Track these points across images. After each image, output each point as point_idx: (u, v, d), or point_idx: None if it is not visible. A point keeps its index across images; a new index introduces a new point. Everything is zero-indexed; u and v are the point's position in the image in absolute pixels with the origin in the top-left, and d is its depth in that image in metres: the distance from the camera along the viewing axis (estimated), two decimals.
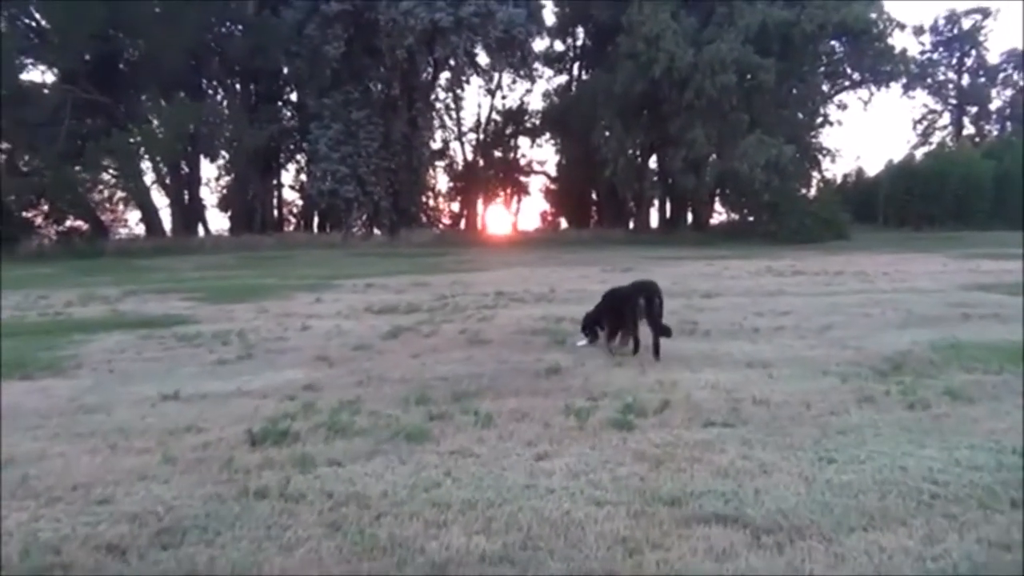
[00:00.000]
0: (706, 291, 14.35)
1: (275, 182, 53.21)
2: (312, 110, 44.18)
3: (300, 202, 55.99)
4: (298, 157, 52.02)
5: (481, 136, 55.23)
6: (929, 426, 5.33)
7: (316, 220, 53.17)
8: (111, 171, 42.12)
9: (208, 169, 51.66)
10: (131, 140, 39.43)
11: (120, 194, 43.99)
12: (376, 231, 46.16)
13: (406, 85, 44.57)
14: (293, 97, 50.31)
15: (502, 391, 6.55)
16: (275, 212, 53.23)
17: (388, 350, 8.72)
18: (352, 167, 42.90)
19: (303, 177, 51.64)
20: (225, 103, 48.26)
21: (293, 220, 57.80)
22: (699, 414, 5.68)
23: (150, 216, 45.40)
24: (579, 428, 5.37)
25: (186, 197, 48.96)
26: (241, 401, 6.34)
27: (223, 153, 49.75)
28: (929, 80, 67.00)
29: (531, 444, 5.03)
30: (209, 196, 53.03)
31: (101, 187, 43.34)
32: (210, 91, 48.71)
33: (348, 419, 5.59)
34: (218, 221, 52.96)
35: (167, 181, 46.51)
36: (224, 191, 52.76)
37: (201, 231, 48.72)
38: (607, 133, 43.90)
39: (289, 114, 49.83)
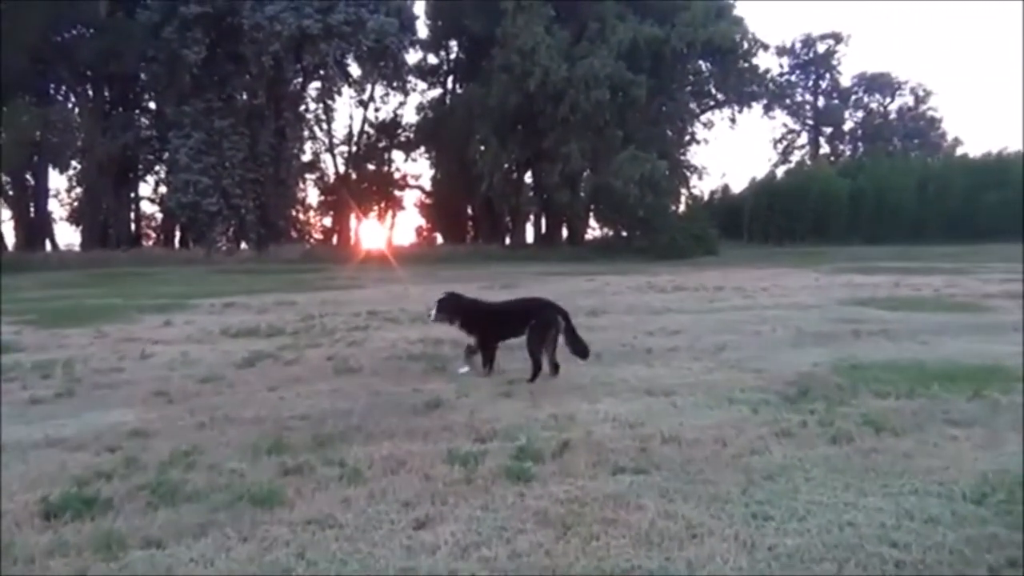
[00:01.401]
0: (591, 308, 13.73)
1: (132, 194, 50.03)
2: (171, 118, 41.69)
3: (160, 216, 53.00)
4: (157, 168, 49.08)
5: (354, 149, 53.80)
6: (860, 465, 4.72)
7: (178, 235, 50.40)
8: None
9: (58, 180, 48.18)
10: None
11: None
12: (243, 246, 43.96)
13: (273, 94, 42.73)
14: (152, 105, 47.48)
15: (374, 432, 5.57)
16: (132, 226, 50.06)
17: (242, 382, 7.56)
18: (215, 178, 40.67)
19: (163, 189, 48.81)
20: (76, 109, 45.02)
21: (152, 235, 54.71)
22: (605, 457, 4.88)
23: None
24: (466, 481, 4.46)
25: (32, 210, 45.44)
26: (47, 454, 5.09)
27: (74, 163, 46.51)
28: (788, 101, 69.99)
29: (409, 506, 4.09)
30: (59, 209, 49.34)
31: None
32: (59, 96, 45.41)
33: (179, 477, 4.48)
34: (69, 236, 49.47)
35: (9, 192, 42.94)
36: (75, 203, 49.16)
37: (48, 246, 45.28)
38: (482, 147, 43.43)
39: (147, 122, 46.86)
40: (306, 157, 50.94)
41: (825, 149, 75.94)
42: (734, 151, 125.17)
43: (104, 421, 6.00)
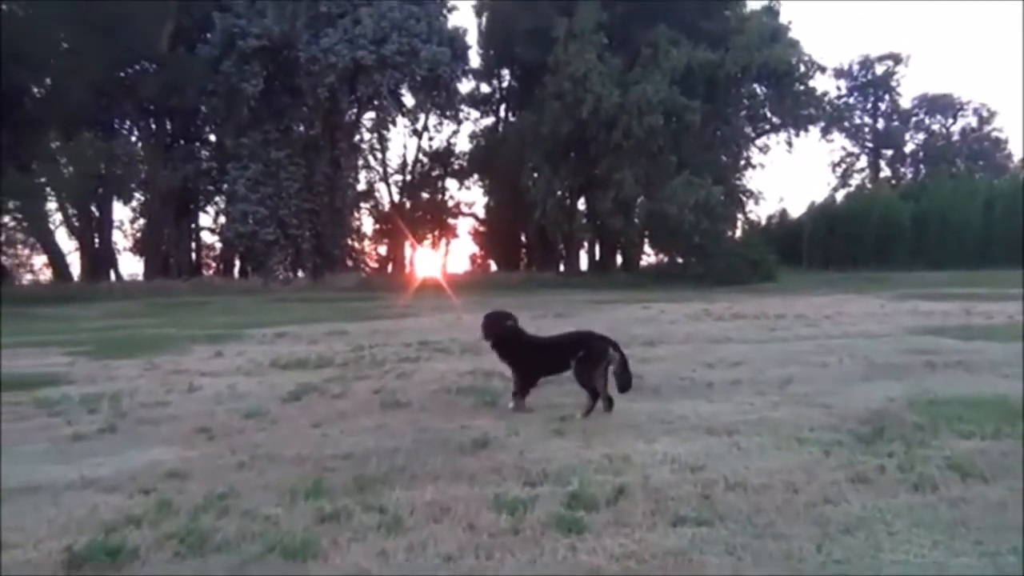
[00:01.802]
0: (647, 338, 13.31)
1: (192, 225, 51.06)
2: (230, 150, 42.54)
3: (219, 246, 53.94)
4: (217, 199, 50.11)
5: (407, 177, 54.17)
6: (948, 517, 4.27)
7: (237, 264, 51.17)
8: (14, 213, 39.54)
9: (122, 212, 49.42)
10: (35, 180, 37.19)
11: (19, 236, 41.02)
12: (300, 275, 44.40)
13: (328, 125, 43.25)
14: (212, 137, 48.54)
15: (418, 474, 5.28)
16: (192, 256, 51.04)
17: (286, 417, 7.35)
18: (272, 208, 41.27)
19: (222, 219, 49.69)
20: (139, 143, 46.20)
21: (212, 264, 55.63)
22: (663, 505, 4.51)
23: (56, 261, 42.82)
24: (514, 531, 4.13)
25: (96, 241, 46.57)
26: (80, 497, 4.91)
27: (137, 195, 47.70)
28: (846, 124, 68.71)
29: (451, 560, 3.78)
30: (122, 240, 50.53)
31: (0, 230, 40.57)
32: (123, 130, 46.66)
33: (210, 525, 4.24)
34: (133, 266, 50.58)
35: (75, 224, 44.09)
36: (138, 234, 50.32)
37: (113, 276, 46.30)
38: (535, 174, 43.34)
39: (207, 154, 47.91)
40: (361, 186, 51.54)
41: (886, 172, 74.34)
42: (791, 175, 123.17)
43: (143, 460, 5.82)
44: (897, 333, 13.72)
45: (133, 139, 46.74)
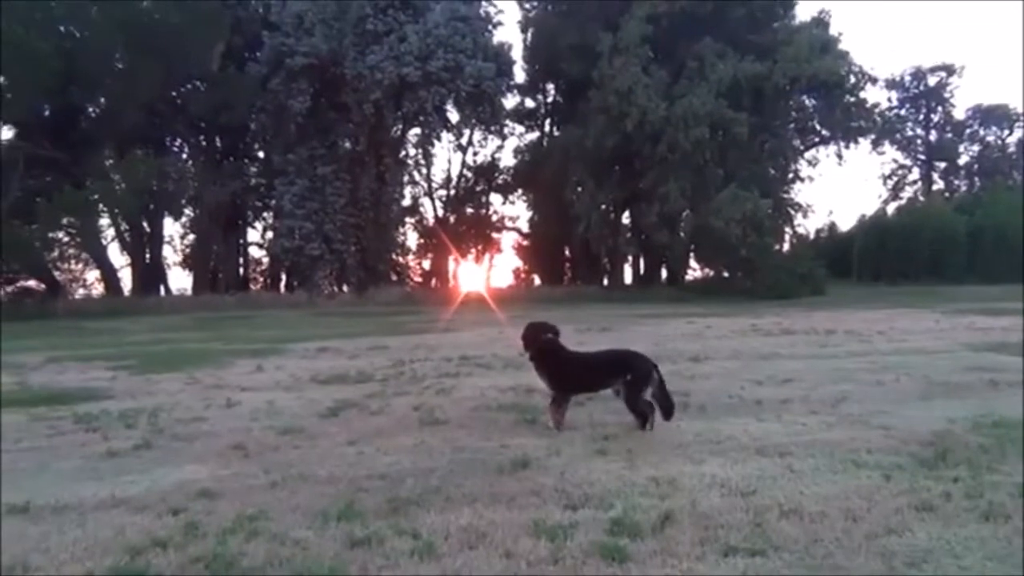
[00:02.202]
0: (693, 354, 12.98)
1: (240, 240, 51.76)
2: (277, 166, 43.04)
3: (267, 260, 54.53)
4: (265, 214, 50.80)
5: (452, 192, 54.25)
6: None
7: (284, 279, 51.67)
8: (68, 229, 40.39)
9: (173, 227, 50.23)
10: (89, 197, 37.95)
11: (72, 251, 41.84)
12: (345, 289, 44.64)
13: (374, 141, 43.50)
14: (260, 154, 49.20)
15: (454, 496, 5.08)
16: (240, 271, 51.71)
17: (323, 434, 7.21)
18: (318, 223, 41.60)
19: (269, 235, 50.29)
20: (189, 160, 47.00)
21: (260, 279, 56.24)
22: (713, 533, 4.24)
23: (108, 275, 43.63)
24: (553, 560, 3.91)
25: (147, 256, 47.37)
26: (108, 517, 4.79)
27: (187, 211, 48.47)
28: (898, 136, 67.27)
29: None
30: (173, 255, 51.37)
31: (54, 246, 41.42)
32: (174, 147, 47.51)
33: (238, 549, 4.08)
34: (183, 281, 51.31)
35: (127, 239, 44.90)
36: (188, 250, 51.12)
37: (162, 291, 47.02)
38: (579, 188, 43.07)
39: (255, 170, 48.59)
40: (406, 201, 51.66)
41: (939, 185, 72.49)
42: (841, 188, 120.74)
43: (175, 478, 5.71)
44: (955, 350, 13.18)
45: (183, 156, 47.56)
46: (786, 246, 48.46)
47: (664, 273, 49.99)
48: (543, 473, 5.62)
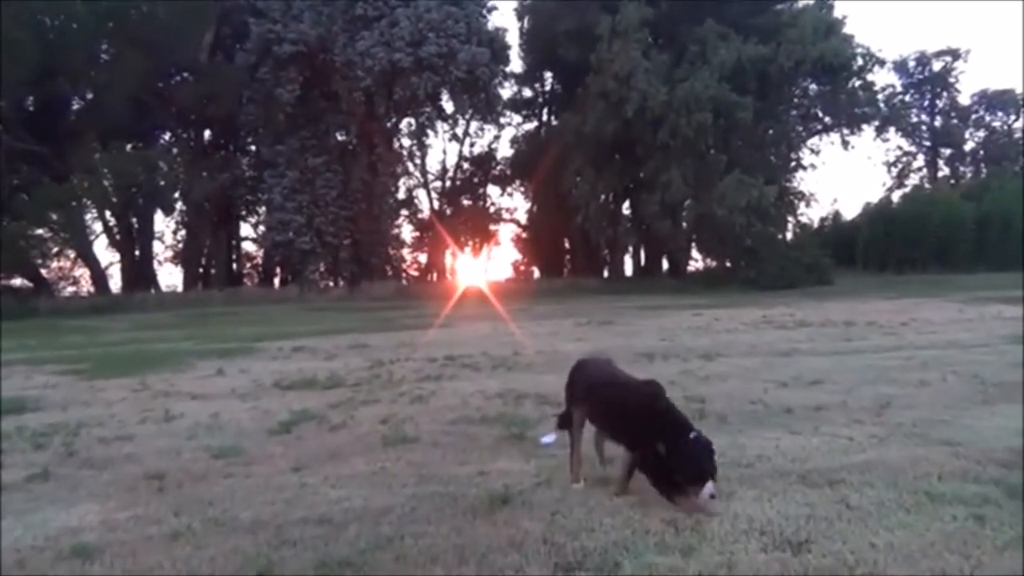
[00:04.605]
0: (704, 351, 11.69)
1: (231, 234, 50.42)
2: (266, 157, 41.74)
3: (260, 255, 53.28)
4: (257, 208, 49.43)
5: (448, 184, 52.96)
6: None
7: (278, 273, 50.42)
8: (52, 225, 39.13)
9: (163, 223, 48.94)
10: (73, 191, 36.72)
11: (55, 248, 40.60)
12: (339, 283, 43.38)
13: (366, 130, 42.14)
14: (250, 145, 47.87)
15: (408, 553, 3.82)
16: (232, 266, 50.43)
17: (264, 457, 5.94)
18: (309, 216, 40.30)
19: (262, 229, 48.97)
20: (177, 153, 45.66)
21: (253, 274, 55.00)
22: None
23: (95, 272, 42.41)
24: None
25: (136, 252, 46.16)
26: None
27: (177, 205, 47.16)
28: (902, 122, 65.85)
29: None
30: (164, 251, 50.08)
31: (38, 242, 40.14)
32: (161, 140, 46.23)
33: None
34: (174, 277, 50.15)
35: (115, 235, 43.65)
36: (179, 245, 49.83)
37: (153, 288, 45.80)
38: (578, 178, 41.71)
39: (245, 162, 47.24)
40: (400, 193, 50.37)
41: (944, 171, 71.11)
42: (845, 175, 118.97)
43: (56, 524, 4.44)
44: (994, 343, 11.87)
45: (171, 149, 46.23)
46: (789, 235, 47.20)
47: (665, 264, 48.74)
48: (528, 514, 4.36)
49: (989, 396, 7.56)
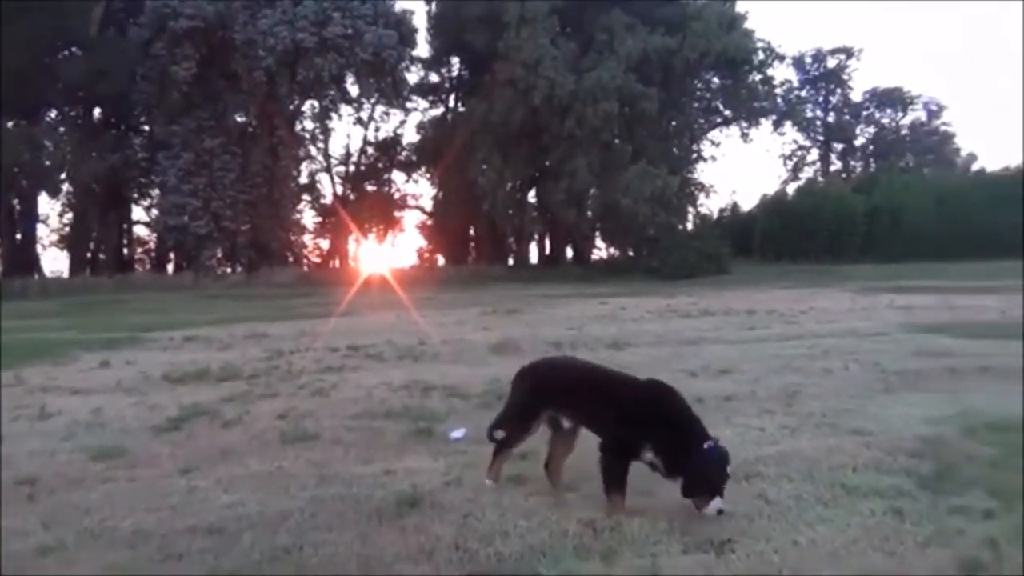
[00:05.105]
0: (612, 339, 11.65)
1: (122, 218, 48.06)
2: (160, 138, 39.94)
3: (153, 240, 51.04)
4: (151, 191, 47.18)
5: (352, 168, 51.89)
6: None
7: (172, 259, 48.39)
8: None
9: (49, 205, 46.33)
10: None
11: None
12: (238, 269, 41.96)
13: (266, 112, 40.81)
14: (144, 125, 45.69)
15: (307, 562, 3.51)
16: (123, 251, 48.17)
17: (150, 458, 5.48)
18: (205, 200, 38.74)
19: (156, 212, 46.84)
20: (64, 131, 43.20)
21: (146, 260, 52.68)
22: None
23: None
24: None
25: (18, 236, 43.63)
26: None
27: (64, 187, 44.66)
28: (798, 117, 68.03)
29: None
30: (48, 235, 47.43)
31: None
32: (47, 118, 43.65)
33: None
34: (60, 262, 47.44)
35: None
36: (66, 228, 47.23)
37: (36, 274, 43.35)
38: (485, 165, 41.50)
39: (138, 143, 45.03)
40: (302, 178, 49.10)
41: (836, 165, 73.97)
42: (743, 168, 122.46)
43: None
44: (891, 331, 12.21)
45: (58, 127, 43.72)
46: (690, 226, 48.22)
47: (570, 252, 49.11)
48: (439, 517, 4.08)
49: (891, 384, 7.69)
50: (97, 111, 44.29)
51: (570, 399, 4.53)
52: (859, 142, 73.76)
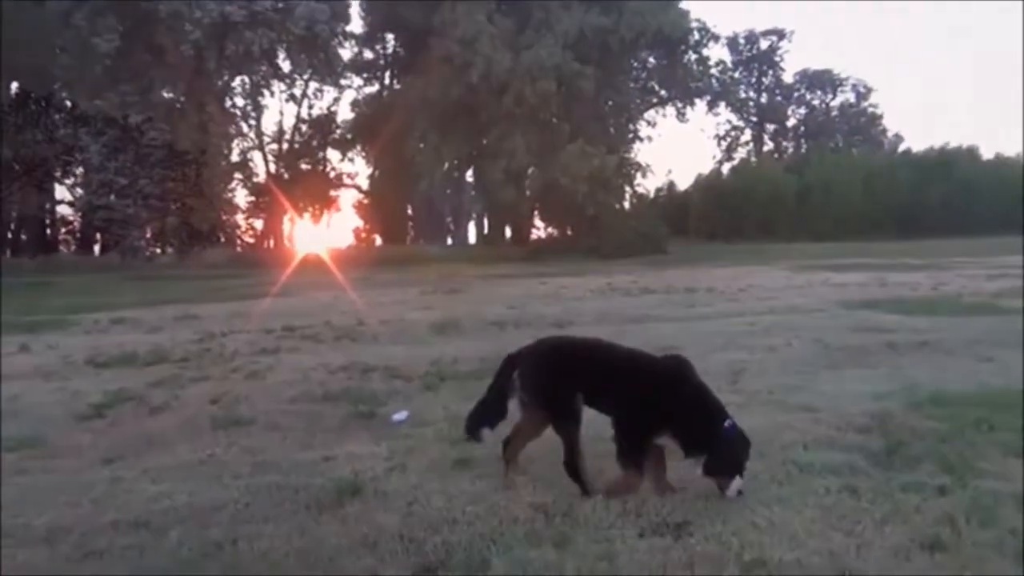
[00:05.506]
0: (555, 319, 11.51)
1: (44, 197, 46.17)
2: (82, 113, 38.34)
3: (79, 220, 49.20)
4: (76, 169, 45.40)
5: (285, 146, 50.79)
6: None
7: (98, 239, 46.76)
8: None
9: None
10: None
11: None
12: (167, 250, 40.68)
13: (194, 87, 39.61)
14: (65, 99, 43.87)
15: (243, 559, 3.27)
16: (46, 231, 46.41)
17: (72, 447, 5.14)
18: (131, 178, 37.34)
19: (80, 191, 45.12)
20: None
21: (71, 241, 50.86)
22: None
23: None
24: None
25: None
26: None
27: None
28: (732, 97, 68.91)
29: None
30: None
31: None
32: None
33: None
34: None
35: None
36: None
37: None
38: (422, 144, 41.04)
39: (59, 118, 43.21)
40: (233, 156, 47.88)
41: (769, 146, 75.29)
42: (679, 148, 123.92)
43: None
44: (830, 308, 12.36)
45: None
46: (627, 205, 48.50)
47: (508, 232, 49.00)
48: (381, 505, 3.87)
49: (834, 360, 7.72)
50: (14, 85, 42.35)
51: (596, 379, 4.29)
52: (791, 123, 75.18)
